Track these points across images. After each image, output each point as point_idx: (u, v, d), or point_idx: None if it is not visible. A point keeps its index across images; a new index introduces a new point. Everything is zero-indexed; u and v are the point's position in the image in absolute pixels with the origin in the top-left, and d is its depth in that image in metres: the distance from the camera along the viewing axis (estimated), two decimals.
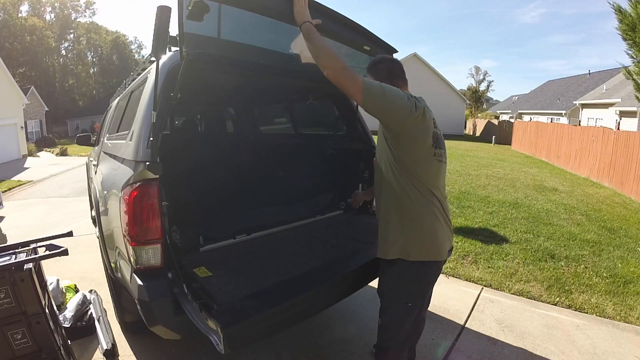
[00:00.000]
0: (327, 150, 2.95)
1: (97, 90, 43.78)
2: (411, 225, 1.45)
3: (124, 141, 1.90)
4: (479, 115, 34.27)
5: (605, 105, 16.95)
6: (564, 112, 21.96)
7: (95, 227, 2.82)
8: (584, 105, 19.66)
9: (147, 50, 48.04)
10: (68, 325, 2.19)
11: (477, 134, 28.57)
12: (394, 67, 1.59)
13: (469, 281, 3.29)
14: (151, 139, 1.45)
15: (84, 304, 2.39)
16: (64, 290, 2.61)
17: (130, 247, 1.51)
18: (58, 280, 2.57)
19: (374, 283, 2.39)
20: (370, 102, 1.33)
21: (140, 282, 1.48)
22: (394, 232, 1.48)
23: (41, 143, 22.78)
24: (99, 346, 2.03)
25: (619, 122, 15.20)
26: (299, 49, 2.04)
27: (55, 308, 1.83)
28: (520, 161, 12.82)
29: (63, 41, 41.52)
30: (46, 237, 1.75)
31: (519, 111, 28.08)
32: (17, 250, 1.63)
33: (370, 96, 1.32)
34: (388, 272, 1.54)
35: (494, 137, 22.23)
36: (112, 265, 1.97)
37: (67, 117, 35.75)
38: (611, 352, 2.29)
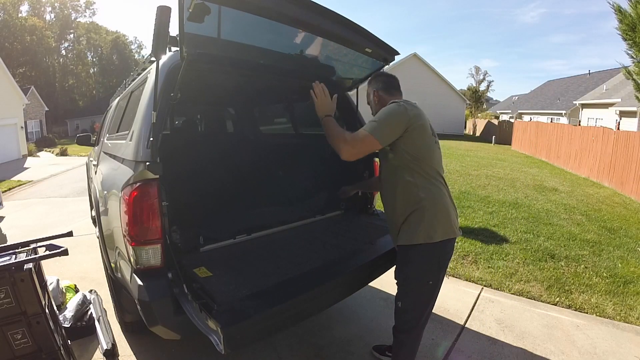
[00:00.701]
0: (327, 150, 2.95)
1: (97, 90, 43.79)
2: (430, 208, 1.59)
3: (124, 141, 1.90)
4: (479, 115, 34.23)
5: (605, 105, 16.95)
6: (564, 112, 21.95)
7: (95, 227, 2.82)
8: (584, 105, 19.66)
9: (147, 50, 48.05)
10: (68, 325, 2.19)
11: (477, 134, 28.56)
12: (393, 80, 1.83)
13: (469, 281, 3.29)
14: (151, 139, 1.45)
15: (84, 304, 2.39)
16: (64, 290, 2.61)
17: (130, 247, 1.51)
18: (58, 280, 2.57)
19: (374, 283, 2.40)
20: (386, 140, 1.57)
21: (140, 282, 1.48)
22: (416, 219, 1.60)
23: (41, 143, 22.78)
24: (99, 346, 2.03)
25: (619, 122, 15.20)
26: (299, 50, 2.04)
27: (55, 308, 1.83)
28: (520, 161, 12.82)
29: (63, 41, 41.56)
30: (46, 237, 1.75)
31: (519, 111, 28.07)
32: (17, 250, 1.63)
33: (383, 136, 1.55)
34: (411, 255, 1.64)
35: (494, 137, 22.22)
36: (112, 265, 1.97)
37: (67, 117, 35.76)
38: (611, 352, 2.29)
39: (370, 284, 2.25)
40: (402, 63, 24.61)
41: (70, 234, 1.84)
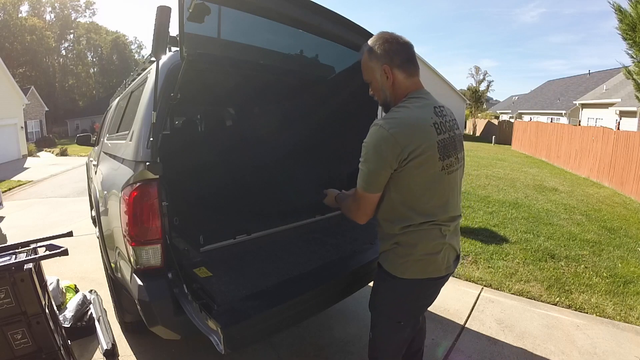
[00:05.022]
0: (327, 150, 2.95)
1: (97, 90, 43.79)
2: (402, 252, 1.29)
3: (124, 141, 1.90)
4: (479, 115, 34.19)
5: (605, 105, 16.95)
6: (564, 112, 21.95)
7: (95, 227, 2.82)
8: (584, 105, 19.66)
9: (147, 50, 48.08)
10: (68, 325, 2.19)
11: (477, 134, 28.57)
12: (410, 51, 1.27)
13: (469, 281, 3.29)
14: (151, 139, 1.45)
15: (84, 304, 2.39)
16: (64, 290, 2.61)
17: (130, 247, 1.51)
18: (58, 280, 2.57)
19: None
20: (381, 187, 1.23)
21: (140, 283, 1.48)
22: (386, 253, 1.36)
23: (41, 143, 22.78)
24: (99, 346, 2.04)
25: (619, 122, 15.20)
26: (299, 50, 2.04)
27: (55, 308, 1.83)
28: (520, 161, 12.82)
29: (63, 41, 41.55)
30: (46, 237, 1.75)
31: (519, 111, 28.07)
32: (17, 250, 1.63)
33: (377, 186, 1.22)
34: (381, 286, 1.40)
35: (494, 137, 22.22)
36: (112, 265, 1.97)
37: (67, 117, 35.76)
38: (611, 352, 2.29)
39: (371, 284, 2.25)
40: None
41: (70, 234, 1.84)
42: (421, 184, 1.21)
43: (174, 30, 1.31)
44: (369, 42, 1.28)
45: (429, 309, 2.69)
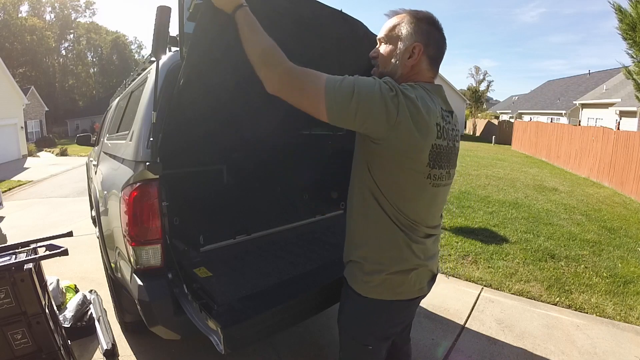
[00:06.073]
0: (327, 150, 2.95)
1: (97, 90, 43.79)
2: (375, 269, 1.12)
3: (124, 141, 1.90)
4: (479, 115, 34.21)
5: (605, 105, 16.95)
6: (564, 112, 21.95)
7: (95, 227, 2.82)
8: (584, 105, 19.66)
9: (147, 50, 48.14)
10: (68, 325, 2.19)
11: (477, 133, 28.58)
12: (444, 47, 1.12)
13: (469, 281, 3.29)
14: (151, 139, 1.45)
15: (84, 304, 2.39)
16: (64, 290, 2.61)
17: (130, 247, 1.51)
18: (58, 280, 2.57)
19: None
20: (338, 119, 0.97)
21: (140, 283, 1.48)
22: (356, 267, 1.16)
23: (41, 143, 22.78)
24: (99, 346, 2.04)
25: (619, 122, 15.20)
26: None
27: (55, 308, 1.83)
28: (520, 161, 12.82)
29: (63, 41, 41.57)
30: (46, 237, 1.75)
31: (519, 111, 28.08)
32: (17, 250, 1.63)
33: (340, 110, 0.96)
34: (346, 304, 1.24)
35: (494, 137, 22.23)
36: (112, 265, 1.97)
37: (67, 117, 35.76)
38: (611, 352, 2.29)
39: None
40: None
41: (70, 234, 1.84)
42: (406, 179, 1.03)
43: (174, 30, 1.31)
44: (417, 12, 1.09)
45: (429, 309, 2.72)
